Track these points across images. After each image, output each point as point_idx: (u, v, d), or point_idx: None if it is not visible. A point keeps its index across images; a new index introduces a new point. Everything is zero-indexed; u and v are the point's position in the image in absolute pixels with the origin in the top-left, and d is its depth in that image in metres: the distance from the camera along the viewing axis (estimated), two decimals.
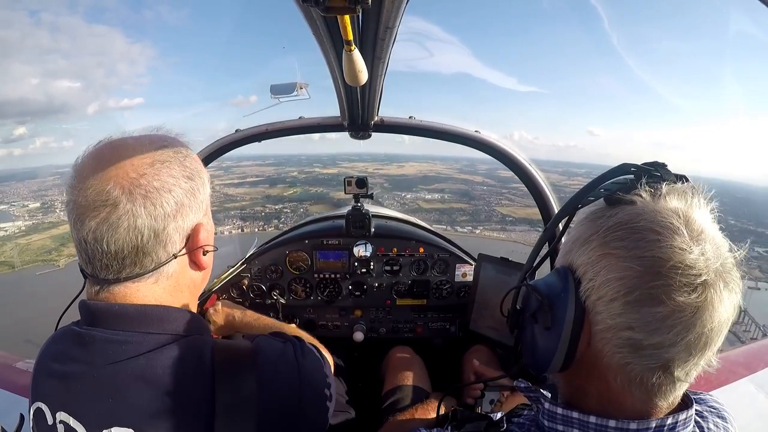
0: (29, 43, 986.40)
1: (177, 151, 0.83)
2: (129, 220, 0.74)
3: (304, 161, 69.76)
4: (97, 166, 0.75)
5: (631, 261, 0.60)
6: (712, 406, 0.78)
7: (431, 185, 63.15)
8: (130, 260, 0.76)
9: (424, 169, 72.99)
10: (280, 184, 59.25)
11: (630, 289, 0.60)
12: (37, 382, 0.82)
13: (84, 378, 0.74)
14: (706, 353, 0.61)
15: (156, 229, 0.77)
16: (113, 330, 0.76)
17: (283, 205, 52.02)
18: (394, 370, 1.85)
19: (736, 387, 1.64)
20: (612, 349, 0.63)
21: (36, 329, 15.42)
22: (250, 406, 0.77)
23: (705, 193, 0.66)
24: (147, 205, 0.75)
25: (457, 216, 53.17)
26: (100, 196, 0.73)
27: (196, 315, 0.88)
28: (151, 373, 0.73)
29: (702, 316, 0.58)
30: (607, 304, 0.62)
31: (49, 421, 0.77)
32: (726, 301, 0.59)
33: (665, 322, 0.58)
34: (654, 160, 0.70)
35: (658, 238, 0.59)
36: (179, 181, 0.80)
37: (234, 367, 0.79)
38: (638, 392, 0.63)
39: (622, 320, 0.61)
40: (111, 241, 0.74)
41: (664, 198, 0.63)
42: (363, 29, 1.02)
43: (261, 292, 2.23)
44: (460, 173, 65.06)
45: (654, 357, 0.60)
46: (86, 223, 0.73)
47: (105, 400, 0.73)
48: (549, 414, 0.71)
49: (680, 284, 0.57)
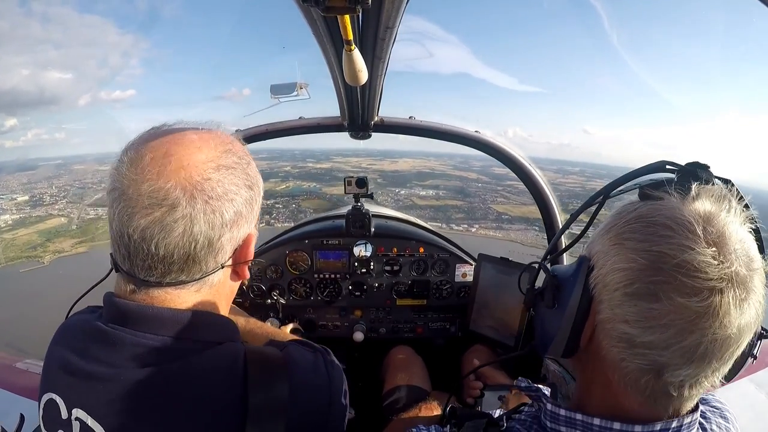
0: (20, 33, 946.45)
1: (241, 157, 0.79)
2: (186, 224, 0.69)
3: (297, 156, 69.18)
4: (155, 158, 0.69)
5: (638, 253, 0.58)
6: (714, 406, 0.77)
7: (425, 181, 62.81)
8: (177, 266, 0.72)
9: (418, 165, 72.71)
10: (273, 178, 58.83)
11: (631, 280, 0.58)
12: (51, 372, 0.79)
13: (110, 380, 0.71)
14: (704, 367, 0.57)
15: (211, 238, 0.72)
16: (143, 332, 0.72)
17: (275, 200, 51.73)
18: (394, 370, 1.85)
19: (737, 387, 1.64)
20: (610, 342, 0.62)
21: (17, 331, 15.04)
22: (280, 412, 0.74)
23: (744, 198, 0.62)
24: (207, 211, 0.70)
25: (453, 213, 52.84)
26: (157, 194, 0.67)
27: (230, 321, 0.85)
28: (181, 379, 0.71)
29: (703, 323, 0.54)
30: (610, 293, 0.61)
31: (63, 415, 0.74)
32: (735, 312, 0.55)
33: (660, 321, 0.56)
34: (696, 161, 0.67)
35: (670, 234, 0.57)
36: (241, 190, 0.76)
37: (267, 373, 0.76)
38: (634, 394, 0.62)
39: (620, 312, 0.60)
40: (161, 244, 0.69)
41: (692, 198, 0.60)
42: (363, 29, 1.02)
43: (261, 292, 2.23)
44: (455, 170, 64.67)
45: (647, 357, 0.58)
46: (135, 220, 0.68)
47: (130, 404, 0.70)
48: (552, 415, 0.70)
49: (681, 284, 0.54)
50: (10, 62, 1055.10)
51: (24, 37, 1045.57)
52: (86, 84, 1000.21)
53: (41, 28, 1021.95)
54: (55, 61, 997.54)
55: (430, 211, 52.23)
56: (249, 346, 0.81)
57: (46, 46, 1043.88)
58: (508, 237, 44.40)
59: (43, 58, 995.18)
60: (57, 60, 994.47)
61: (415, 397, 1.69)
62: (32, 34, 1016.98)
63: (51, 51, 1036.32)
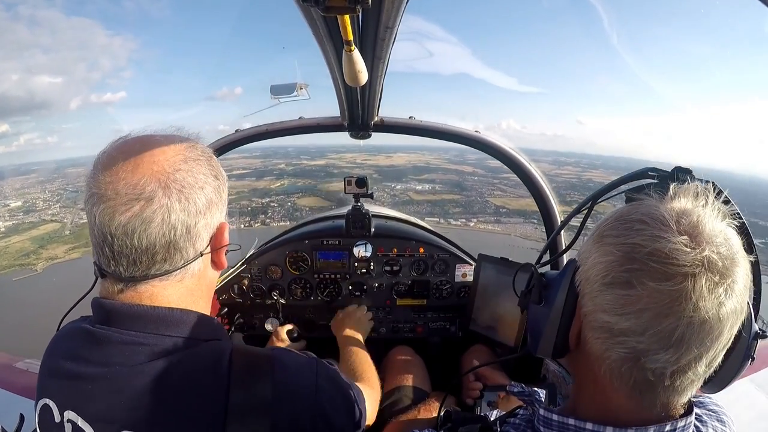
0: (7, 38, 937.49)
1: (204, 151, 0.84)
2: (163, 214, 0.73)
3: (292, 153, 68.73)
4: (128, 159, 0.74)
5: (614, 247, 0.62)
6: (711, 410, 0.77)
7: (421, 176, 62.45)
8: (161, 256, 0.75)
9: (414, 159, 72.37)
10: (267, 176, 58.40)
11: (608, 271, 0.61)
12: (45, 378, 0.81)
13: (97, 379, 0.73)
14: (684, 353, 0.57)
15: (188, 225, 0.76)
16: (129, 331, 0.74)
17: (270, 199, 51.26)
18: (394, 370, 1.85)
19: (737, 387, 1.64)
20: (593, 334, 0.64)
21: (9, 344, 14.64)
22: (263, 410, 0.75)
23: (722, 193, 0.64)
24: (182, 199, 0.75)
25: (450, 208, 52.40)
26: (133, 190, 0.71)
27: (214, 319, 0.87)
28: (167, 378, 0.72)
29: (676, 307, 0.55)
30: (590, 286, 0.65)
31: (56, 419, 0.76)
32: (710, 297, 0.55)
33: (635, 307, 0.58)
34: (678, 166, 0.71)
35: (643, 227, 0.60)
36: (208, 179, 0.81)
37: (250, 371, 0.78)
38: (619, 385, 0.63)
39: (599, 301, 0.63)
40: (143, 236, 0.72)
41: (670, 198, 0.63)
42: (363, 29, 1.02)
43: (261, 292, 2.23)
44: (450, 163, 64.31)
45: (625, 345, 0.60)
46: (116, 217, 0.71)
47: (117, 402, 0.71)
48: (544, 420, 0.70)
49: (653, 270, 0.57)
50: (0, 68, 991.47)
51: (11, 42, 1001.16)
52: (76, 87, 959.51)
53: (29, 32, 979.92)
54: (44, 65, 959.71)
55: (427, 206, 51.90)
56: (237, 345, 0.83)
57: (34, 51, 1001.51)
58: (507, 231, 43.87)
59: (31, 62, 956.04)
60: (46, 64, 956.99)
61: (414, 397, 1.69)
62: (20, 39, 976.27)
63: (39, 55, 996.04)
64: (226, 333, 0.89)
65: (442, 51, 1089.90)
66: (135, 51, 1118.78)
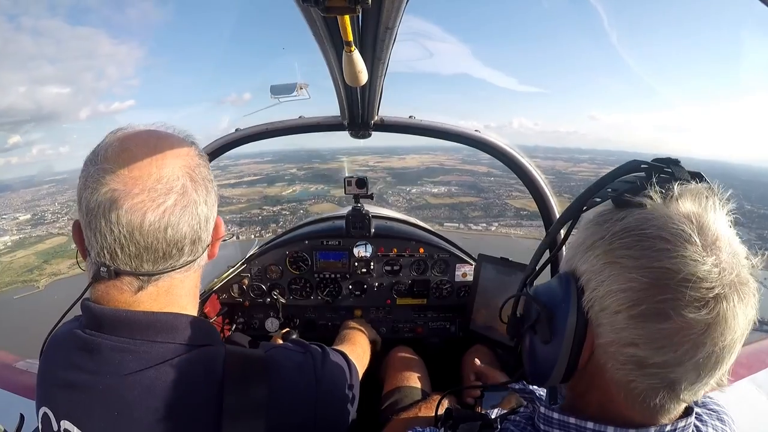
0: (12, 49, 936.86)
1: None
2: (193, 207, 0.75)
3: (303, 157, 67.98)
4: (149, 153, 0.72)
5: (637, 271, 0.56)
6: (712, 409, 0.76)
7: (436, 177, 61.55)
8: (188, 248, 0.77)
9: (426, 160, 71.56)
10: (279, 182, 57.62)
11: (635, 302, 0.55)
12: (42, 386, 0.80)
13: (89, 389, 0.72)
14: (716, 373, 0.57)
15: (208, 217, 0.80)
16: (120, 338, 0.73)
17: (281, 207, 50.60)
18: (394, 370, 1.85)
19: (737, 387, 1.64)
20: (615, 365, 0.59)
21: None
22: (258, 413, 0.75)
23: (721, 193, 0.61)
24: (205, 192, 0.78)
25: (469, 212, 51.45)
26: (166, 183, 0.72)
27: (207, 323, 0.86)
28: (159, 386, 0.71)
29: (713, 333, 0.53)
30: (610, 316, 0.58)
31: (54, 427, 0.75)
32: (740, 315, 0.54)
33: (672, 340, 0.54)
34: (667, 157, 0.65)
35: (668, 247, 0.55)
36: (210, 174, 0.84)
37: (244, 375, 0.77)
38: (640, 408, 0.60)
39: (626, 335, 0.57)
40: (177, 229, 0.73)
41: (676, 200, 0.58)
42: (363, 30, 1.02)
43: (261, 291, 2.23)
44: (464, 164, 63.45)
45: (659, 376, 0.56)
46: (148, 214, 0.70)
47: (110, 412, 0.70)
48: (545, 418, 0.69)
49: (690, 299, 0.53)
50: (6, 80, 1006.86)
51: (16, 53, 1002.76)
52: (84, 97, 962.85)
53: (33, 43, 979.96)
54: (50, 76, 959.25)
55: (445, 210, 51.07)
56: (231, 348, 0.81)
57: (40, 62, 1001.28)
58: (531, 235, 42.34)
59: (38, 73, 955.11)
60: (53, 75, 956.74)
61: (414, 397, 1.68)
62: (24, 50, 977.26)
63: (46, 66, 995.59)
64: (219, 337, 0.87)
65: (442, 51, 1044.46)
66: (141, 59, 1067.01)
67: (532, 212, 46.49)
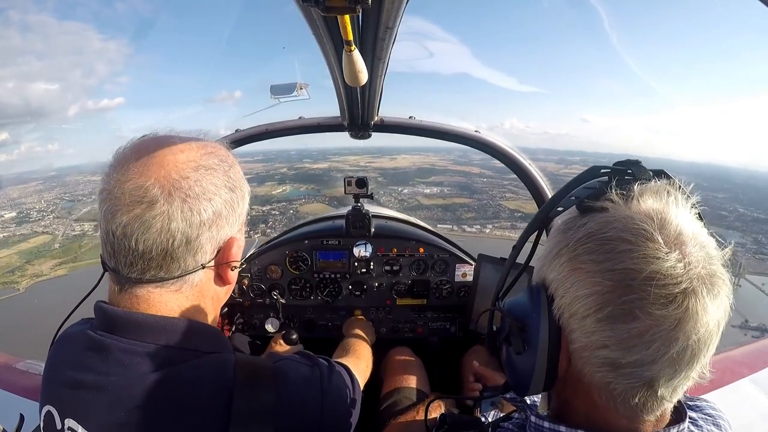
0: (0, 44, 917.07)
1: (223, 160, 0.81)
2: (163, 221, 0.71)
3: (294, 157, 67.25)
4: (139, 159, 0.73)
5: (601, 275, 0.56)
6: (708, 414, 0.75)
7: (428, 178, 61.09)
8: (156, 263, 0.73)
9: (418, 161, 71.15)
10: (269, 181, 57.08)
11: (601, 305, 0.56)
12: (47, 384, 0.80)
13: (97, 389, 0.72)
14: (694, 366, 0.57)
15: (189, 236, 0.74)
16: (130, 339, 0.73)
17: (270, 206, 49.96)
18: (392, 371, 1.85)
19: (737, 387, 1.64)
20: (592, 369, 0.60)
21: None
22: (265, 421, 0.74)
23: (685, 186, 0.61)
24: (184, 209, 0.72)
25: (463, 213, 50.88)
26: (137, 192, 0.70)
27: (218, 331, 0.86)
28: (167, 389, 0.71)
29: (684, 327, 0.53)
30: (579, 321, 0.59)
31: (58, 425, 0.75)
32: (711, 307, 0.54)
33: (642, 339, 0.54)
34: (627, 159, 0.65)
35: (629, 248, 0.55)
36: (221, 191, 0.77)
37: (253, 382, 0.77)
38: (623, 409, 0.60)
39: (596, 338, 0.57)
40: (140, 240, 0.71)
41: (636, 200, 0.59)
42: (363, 29, 1.02)
43: (261, 291, 2.23)
44: (455, 164, 63.06)
45: (635, 375, 0.56)
46: (117, 217, 0.71)
47: (117, 413, 0.70)
48: (536, 427, 0.69)
49: (656, 296, 0.53)
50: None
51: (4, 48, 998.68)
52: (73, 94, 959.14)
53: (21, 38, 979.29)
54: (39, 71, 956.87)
55: (438, 210, 50.64)
56: (240, 357, 0.81)
57: (28, 57, 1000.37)
58: None
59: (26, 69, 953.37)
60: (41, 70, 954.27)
61: (413, 398, 1.68)
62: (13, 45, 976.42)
63: (34, 61, 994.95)
64: (230, 346, 0.87)
65: (442, 51, 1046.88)
66: (130, 56, 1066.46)
67: (527, 214, 46.39)
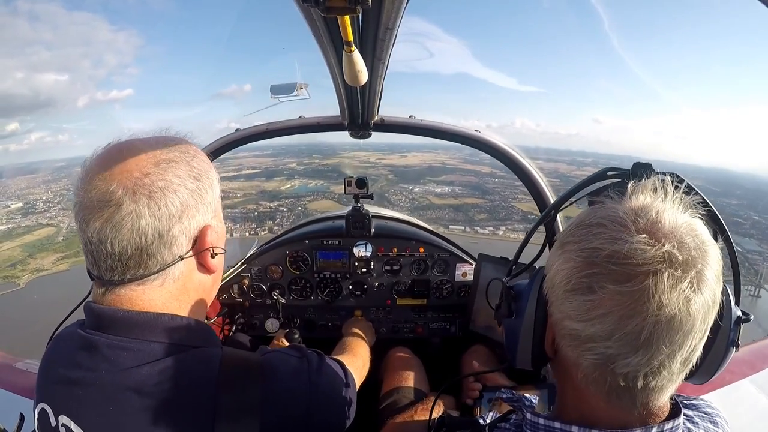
0: (8, 34, 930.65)
1: (184, 151, 0.81)
2: (132, 220, 0.72)
3: (304, 152, 66.89)
4: (102, 167, 0.74)
5: (575, 253, 0.62)
6: (705, 412, 0.75)
7: (439, 177, 60.44)
8: (134, 262, 0.75)
9: (429, 159, 70.62)
10: (278, 176, 56.51)
11: (569, 278, 0.61)
12: (42, 382, 0.82)
13: (87, 384, 0.74)
14: (654, 353, 0.56)
15: (160, 230, 0.75)
16: (117, 336, 0.75)
17: (279, 203, 49.22)
18: (392, 371, 1.85)
19: (737, 387, 1.64)
20: (564, 342, 0.64)
21: None
22: (252, 414, 0.76)
23: (683, 184, 0.64)
24: (151, 205, 0.73)
25: (475, 214, 50.21)
26: (104, 197, 0.72)
27: (204, 325, 0.87)
28: (153, 382, 0.72)
29: (640, 307, 0.54)
30: (554, 291, 0.65)
31: (52, 423, 0.77)
32: (676, 294, 0.54)
33: (598, 311, 0.57)
34: (638, 161, 0.71)
35: (601, 231, 0.60)
36: (185, 182, 0.78)
37: (239, 376, 0.78)
38: (596, 391, 0.62)
39: (564, 308, 0.63)
40: (115, 242, 0.72)
41: (629, 196, 0.63)
42: (363, 30, 1.02)
43: (261, 291, 2.23)
44: (466, 163, 62.60)
45: (595, 351, 0.59)
46: (91, 225, 0.72)
47: (106, 408, 0.72)
48: (532, 424, 0.71)
49: (613, 272, 0.56)
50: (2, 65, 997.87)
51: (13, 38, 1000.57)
52: (83, 85, 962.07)
53: (30, 28, 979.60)
54: (48, 62, 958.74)
55: (449, 211, 49.89)
56: (227, 351, 0.82)
57: (37, 48, 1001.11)
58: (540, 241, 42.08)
59: (35, 59, 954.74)
60: (50, 61, 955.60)
61: (413, 398, 1.69)
62: (21, 35, 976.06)
63: (43, 52, 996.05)
64: (217, 339, 0.89)
65: (442, 51, 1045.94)
66: (140, 47, 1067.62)
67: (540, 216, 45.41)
